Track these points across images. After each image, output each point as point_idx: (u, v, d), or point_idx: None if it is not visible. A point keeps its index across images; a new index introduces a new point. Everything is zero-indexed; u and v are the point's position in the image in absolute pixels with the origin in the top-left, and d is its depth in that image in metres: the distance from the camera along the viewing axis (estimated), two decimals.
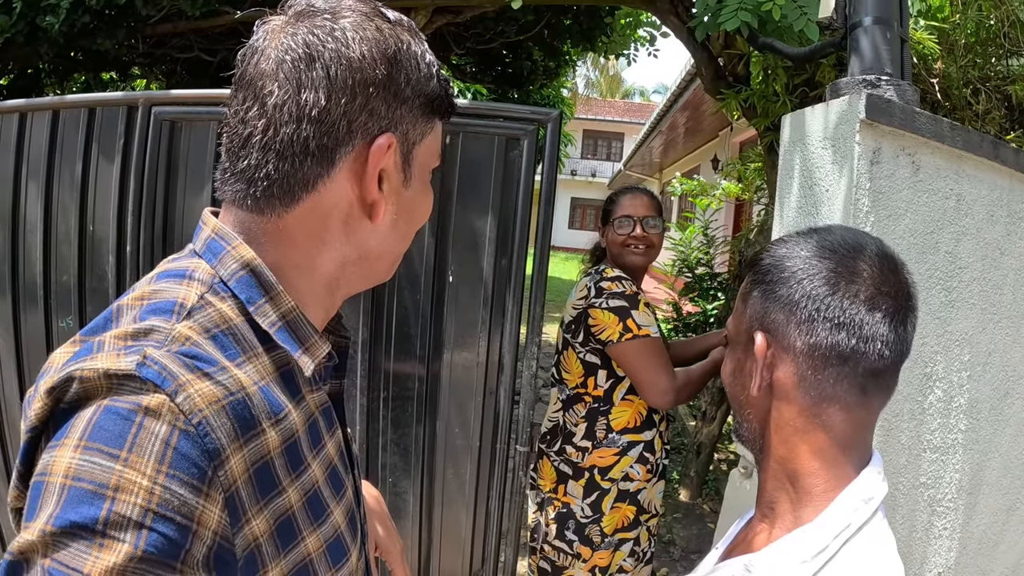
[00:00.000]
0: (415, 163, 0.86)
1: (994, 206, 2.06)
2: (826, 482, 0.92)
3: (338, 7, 0.80)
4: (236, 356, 0.75)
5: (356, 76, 0.77)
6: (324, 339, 0.84)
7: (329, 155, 0.78)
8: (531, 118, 2.24)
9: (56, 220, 2.68)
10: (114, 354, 0.67)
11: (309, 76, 0.76)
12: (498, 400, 2.38)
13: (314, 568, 0.80)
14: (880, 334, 0.88)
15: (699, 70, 4.02)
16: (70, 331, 2.70)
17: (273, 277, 0.79)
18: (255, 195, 0.79)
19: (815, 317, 0.90)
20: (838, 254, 0.92)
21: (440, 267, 2.32)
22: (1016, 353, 2.23)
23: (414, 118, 0.83)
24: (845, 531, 0.88)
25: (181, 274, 0.79)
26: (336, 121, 0.77)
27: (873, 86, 1.89)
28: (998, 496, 2.32)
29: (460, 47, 6.15)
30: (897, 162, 1.82)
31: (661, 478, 2.60)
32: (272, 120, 0.76)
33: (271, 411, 0.75)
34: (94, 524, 0.60)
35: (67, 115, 2.63)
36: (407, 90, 0.81)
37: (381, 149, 0.80)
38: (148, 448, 0.63)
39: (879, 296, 0.89)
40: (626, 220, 2.52)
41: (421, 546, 2.53)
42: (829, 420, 0.92)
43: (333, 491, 0.87)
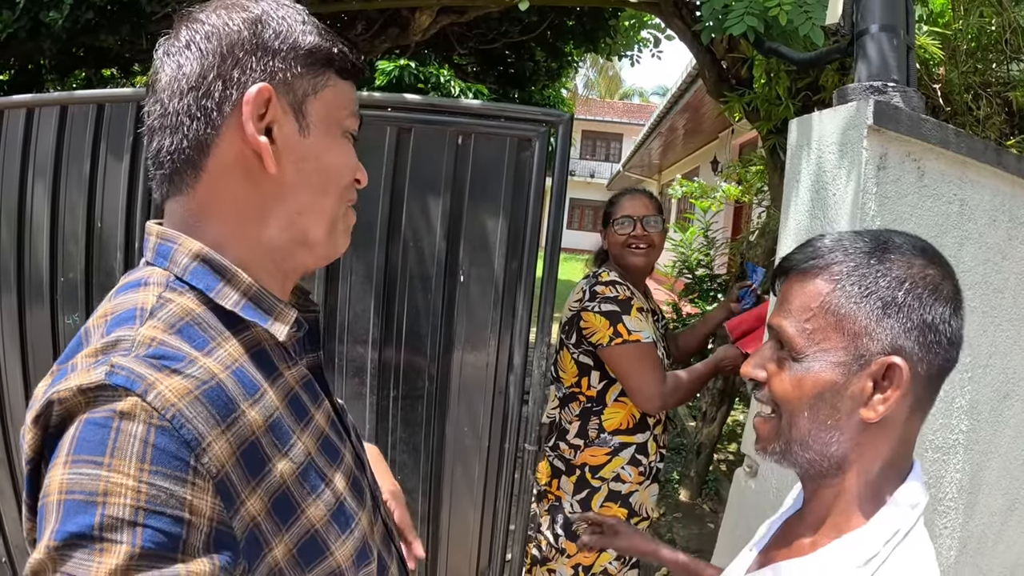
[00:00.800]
0: (311, 114, 0.89)
1: (996, 211, 2.09)
2: (875, 488, 0.91)
3: (212, 4, 0.88)
4: (205, 344, 0.78)
5: (223, 40, 0.84)
6: (289, 306, 0.88)
7: (211, 115, 0.83)
8: (543, 119, 2.26)
9: (63, 216, 2.67)
10: (85, 371, 0.70)
11: (186, 55, 0.84)
12: (507, 399, 2.40)
13: (322, 537, 0.83)
14: (961, 338, 0.88)
15: (702, 73, 4.04)
16: (76, 328, 2.70)
17: (225, 260, 0.83)
18: (167, 175, 0.85)
19: (942, 340, 0.87)
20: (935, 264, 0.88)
21: (451, 267, 2.34)
22: (1017, 355, 2.25)
23: (293, 68, 0.87)
24: (895, 537, 0.87)
25: (137, 284, 0.83)
26: (211, 83, 0.83)
27: (880, 92, 1.91)
28: (998, 496, 2.34)
29: (463, 47, 6.17)
30: (903, 167, 1.85)
31: (655, 481, 2.62)
32: (161, 102, 0.84)
33: (247, 392, 0.78)
34: (91, 531, 0.64)
35: (75, 111, 2.62)
36: (276, 42, 0.86)
37: (251, 96, 0.83)
38: (128, 449, 0.66)
39: (960, 305, 0.89)
40: (626, 220, 2.56)
41: (429, 543, 2.55)
42: (907, 432, 0.90)
43: (329, 460, 0.89)
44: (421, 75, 7.59)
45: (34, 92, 5.94)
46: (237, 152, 0.84)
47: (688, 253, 6.02)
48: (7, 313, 2.80)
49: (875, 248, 0.90)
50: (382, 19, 5.08)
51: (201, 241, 0.84)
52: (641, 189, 2.78)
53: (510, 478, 2.45)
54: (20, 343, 2.82)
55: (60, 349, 2.73)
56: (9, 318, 2.79)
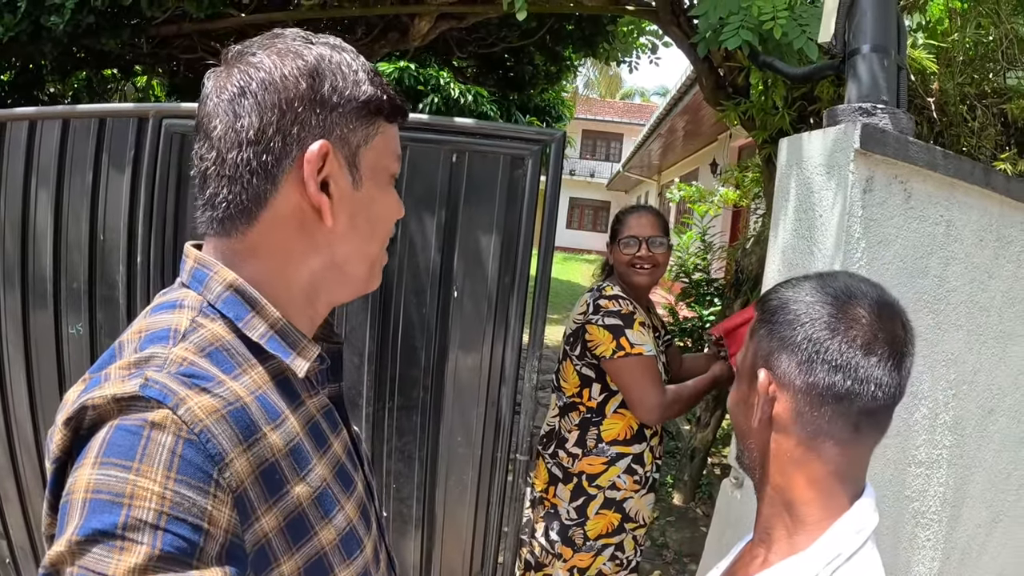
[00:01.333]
0: (363, 165, 0.91)
1: (983, 231, 2.12)
2: (820, 511, 0.98)
3: (265, 43, 0.89)
4: (232, 370, 0.81)
5: (281, 95, 0.85)
6: (313, 342, 0.90)
7: (272, 170, 0.85)
8: (536, 139, 2.29)
9: (67, 228, 2.70)
10: (119, 381, 0.73)
11: (242, 105, 0.84)
12: (500, 410, 2.44)
13: (329, 561, 0.86)
14: (874, 377, 0.94)
15: (700, 80, 4.05)
16: (80, 338, 2.73)
17: (256, 293, 0.86)
18: (219, 219, 0.87)
19: (814, 359, 0.96)
20: (840, 300, 0.98)
21: (445, 281, 2.37)
22: (1001, 372, 2.28)
23: (349, 122, 0.89)
24: (836, 559, 0.94)
25: (172, 305, 0.86)
26: (271, 139, 0.84)
27: (869, 114, 1.94)
28: (982, 509, 2.37)
29: (462, 51, 6.18)
30: (889, 190, 1.88)
31: (651, 490, 2.67)
32: (219, 151, 0.85)
33: (269, 417, 0.81)
34: (114, 529, 0.66)
35: (77, 124, 2.65)
36: (334, 97, 0.88)
37: (312, 155, 0.85)
38: (157, 457, 0.69)
39: (875, 342, 0.95)
40: (632, 240, 2.60)
41: (423, 549, 2.59)
42: (824, 454, 0.98)
43: (342, 487, 0.92)
44: (421, 77, 7.61)
45: (35, 92, 5.98)
46: (294, 205, 0.87)
47: (685, 257, 6.04)
48: (12, 322, 2.83)
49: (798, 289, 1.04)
50: (382, 24, 5.10)
51: (240, 275, 0.87)
52: (647, 207, 2.83)
53: (502, 486, 2.48)
54: (24, 352, 2.85)
55: (64, 359, 2.80)
56: (14, 327, 2.82)
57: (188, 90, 6.48)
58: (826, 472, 0.98)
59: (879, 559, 0.98)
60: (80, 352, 2.74)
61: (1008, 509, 2.50)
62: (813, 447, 0.98)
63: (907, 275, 1.95)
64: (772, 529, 1.04)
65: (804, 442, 0.99)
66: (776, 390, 1.00)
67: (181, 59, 5.92)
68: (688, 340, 5.84)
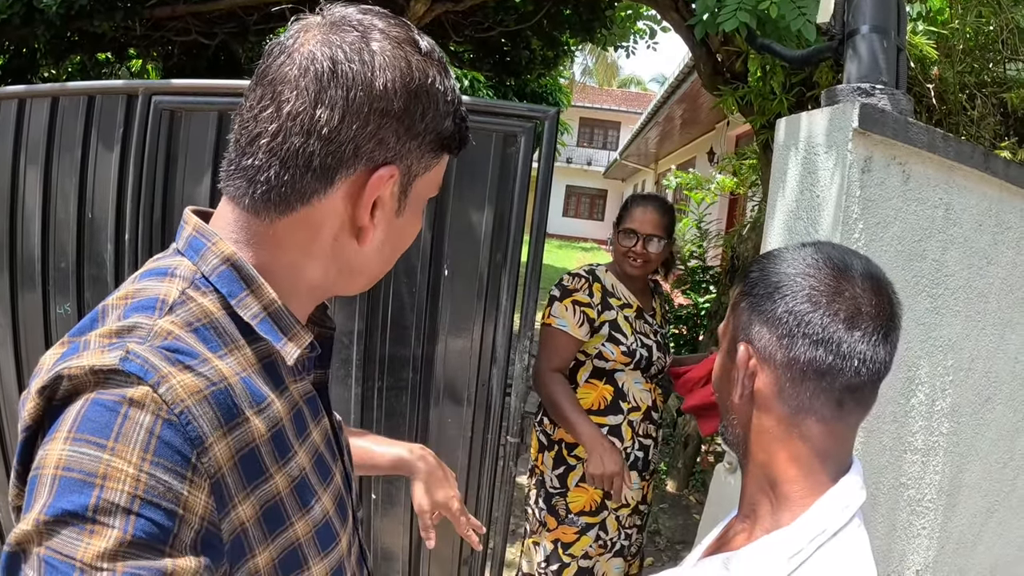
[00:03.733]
0: (412, 194, 0.87)
1: (983, 216, 2.09)
2: (803, 488, 0.96)
3: (372, 26, 0.80)
4: (218, 348, 0.77)
5: (374, 104, 0.78)
6: (306, 330, 0.86)
7: (330, 174, 0.79)
8: (528, 115, 2.26)
9: (55, 207, 2.68)
10: (99, 351, 0.70)
11: (329, 93, 0.77)
12: (490, 391, 2.42)
13: (303, 552, 0.83)
14: (858, 352, 0.91)
15: (697, 66, 4.03)
16: (68, 317, 2.71)
17: (254, 272, 0.81)
18: (253, 195, 0.80)
19: (795, 333, 0.93)
20: (823, 272, 0.94)
21: (436, 260, 2.35)
22: (999, 359, 2.26)
23: (421, 153, 0.84)
24: (820, 535, 0.92)
25: (163, 272, 0.81)
26: (344, 143, 0.78)
27: (868, 95, 1.91)
28: (978, 498, 2.36)
29: (459, 35, 6.14)
30: (888, 171, 1.85)
31: (632, 469, 2.66)
32: (283, 127, 0.77)
33: (253, 400, 0.77)
34: (84, 511, 0.63)
35: (66, 102, 2.62)
36: (420, 126, 0.82)
37: (381, 180, 0.81)
38: (133, 437, 0.65)
39: (859, 316, 0.92)
40: (631, 234, 2.66)
41: (412, 533, 2.57)
42: (807, 430, 0.95)
43: (320, 477, 0.89)
44: None
45: (29, 76, 5.96)
46: (336, 214, 0.82)
47: (681, 244, 6.03)
48: (0, 302, 2.81)
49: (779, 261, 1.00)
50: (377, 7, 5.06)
51: (249, 256, 0.82)
52: (658, 201, 2.81)
53: (493, 469, 2.47)
54: (13, 332, 2.84)
55: (52, 339, 2.77)
56: (2, 307, 2.81)
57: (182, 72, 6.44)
58: (809, 449, 0.96)
59: (866, 536, 0.96)
60: (68, 331, 2.71)
61: (1004, 499, 2.49)
62: (795, 423, 0.96)
63: (905, 258, 1.92)
64: (757, 505, 1.02)
65: (786, 418, 0.96)
66: (757, 365, 0.98)
67: (175, 41, 5.88)
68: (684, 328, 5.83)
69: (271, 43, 0.82)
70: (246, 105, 0.81)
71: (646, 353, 2.66)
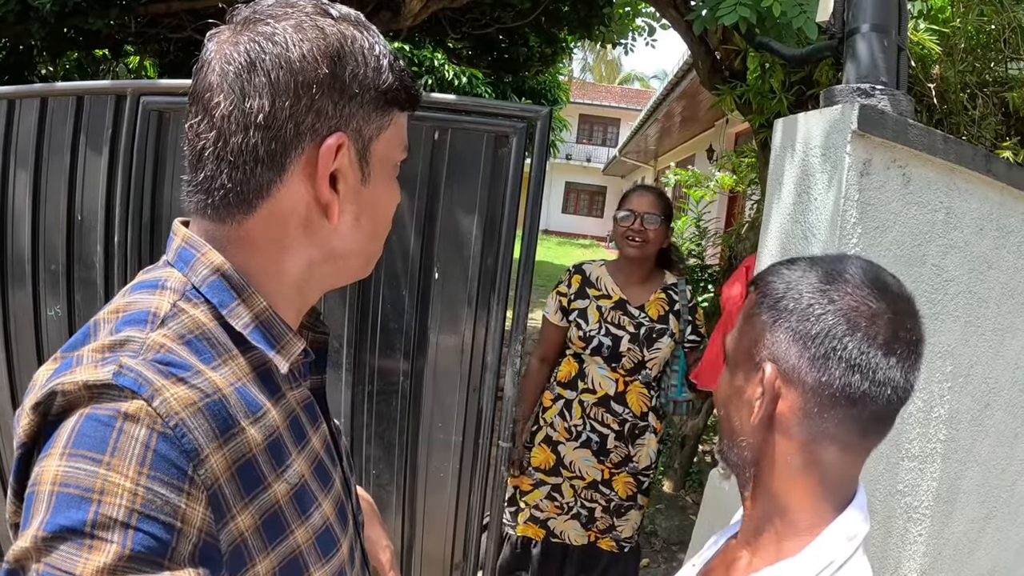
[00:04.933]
0: (374, 159, 0.85)
1: (984, 220, 2.06)
2: (811, 517, 0.92)
3: (279, 11, 0.80)
4: (211, 360, 0.76)
5: (298, 78, 0.77)
6: (299, 337, 0.85)
7: (279, 159, 0.79)
8: (521, 115, 2.23)
9: (45, 208, 2.67)
10: (92, 366, 0.69)
11: (252, 83, 0.76)
12: (481, 396, 2.40)
13: (304, 560, 0.82)
14: (892, 379, 0.86)
15: (696, 63, 4.00)
16: (58, 320, 2.70)
17: (244, 280, 0.81)
18: (214, 205, 0.80)
19: (831, 355, 0.86)
20: (862, 292, 0.88)
21: (426, 263, 2.33)
22: (998, 366, 2.24)
23: (366, 113, 0.82)
24: (828, 568, 0.88)
25: (154, 284, 0.81)
26: (283, 125, 0.77)
27: (867, 95, 1.88)
28: (975, 505, 2.33)
29: (456, 31, 6.12)
30: (887, 174, 1.82)
31: (586, 447, 2.84)
32: (221, 131, 0.77)
33: (249, 410, 0.77)
34: (82, 527, 0.62)
35: (55, 103, 2.61)
36: (354, 86, 0.80)
37: (330, 150, 0.80)
38: (129, 451, 0.65)
39: (896, 340, 0.86)
40: (629, 214, 2.82)
41: (404, 538, 2.56)
42: (826, 458, 0.90)
43: (320, 484, 0.88)
44: (415, 58, 7.54)
45: (25, 73, 5.95)
46: (299, 199, 0.81)
47: (679, 243, 5.99)
48: None
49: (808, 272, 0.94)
50: (374, 3, 5.03)
51: (230, 262, 0.81)
52: (653, 188, 3.05)
53: (484, 473, 2.45)
54: (4, 335, 2.84)
55: (43, 340, 2.77)
56: None
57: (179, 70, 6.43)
58: (825, 477, 0.91)
59: (869, 567, 0.92)
60: (59, 334, 2.72)
61: (1002, 505, 2.47)
62: (815, 451, 0.90)
63: (904, 263, 1.89)
64: (760, 532, 0.97)
65: (807, 446, 0.91)
66: (782, 386, 0.91)
67: (171, 38, 5.87)
68: None
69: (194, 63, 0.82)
70: (187, 126, 0.81)
71: (609, 342, 2.78)
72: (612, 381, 2.80)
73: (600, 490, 2.85)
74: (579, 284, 2.89)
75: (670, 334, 2.83)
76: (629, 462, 2.85)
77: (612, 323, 2.80)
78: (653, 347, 2.81)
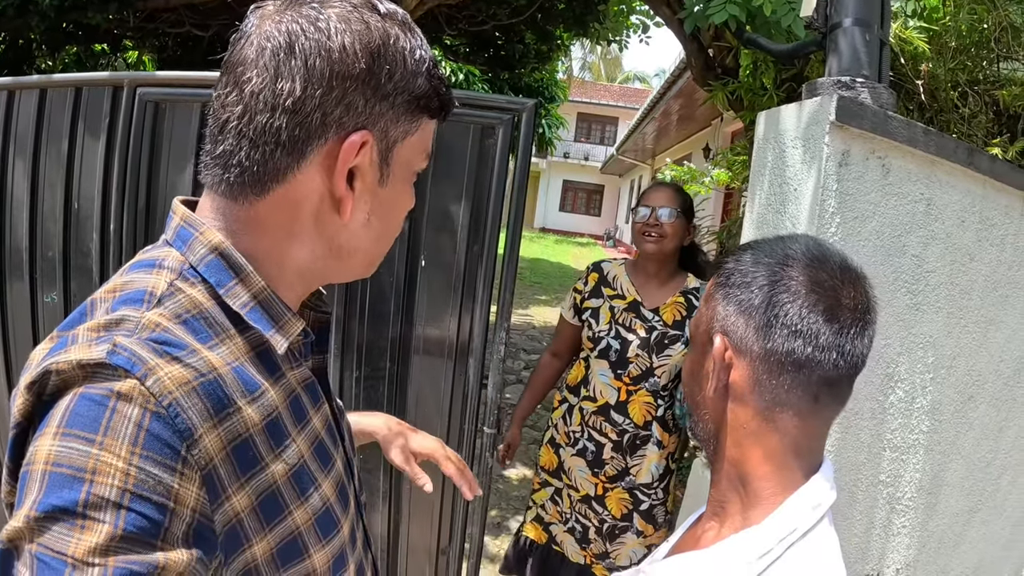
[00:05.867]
0: (395, 162, 0.85)
1: (965, 212, 2.08)
2: (775, 486, 0.94)
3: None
4: (208, 339, 0.76)
5: (334, 68, 0.76)
6: (298, 317, 0.84)
7: (300, 146, 0.78)
8: (507, 108, 2.26)
9: (42, 197, 2.70)
10: (86, 345, 0.69)
11: (287, 65, 0.76)
12: (467, 383, 2.42)
13: (304, 541, 0.82)
14: (836, 344, 0.90)
15: (689, 61, 4.04)
16: (54, 306, 2.73)
17: (243, 259, 0.80)
18: (228, 180, 0.79)
19: (773, 323, 0.91)
20: (801, 263, 0.93)
21: (413, 250, 2.35)
22: (982, 357, 2.26)
23: (396, 115, 0.82)
24: (791, 535, 0.90)
25: (151, 264, 0.80)
26: (310, 112, 0.77)
27: (848, 88, 1.91)
28: (960, 497, 2.35)
29: (452, 28, 6.14)
30: (867, 165, 1.84)
31: (580, 456, 2.74)
32: (248, 107, 0.77)
33: (246, 390, 0.76)
34: (75, 507, 0.62)
35: (54, 94, 2.64)
36: (388, 86, 0.80)
37: (353, 146, 0.79)
38: (122, 431, 0.65)
39: (838, 308, 0.90)
40: (645, 209, 2.73)
41: (391, 522, 2.57)
42: (782, 425, 0.94)
43: (320, 464, 0.88)
44: None
45: (24, 67, 5.96)
46: (313, 189, 0.81)
47: None
48: None
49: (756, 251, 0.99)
50: None
51: (231, 240, 0.81)
52: (670, 183, 2.99)
53: (469, 460, 2.47)
54: (0, 318, 2.85)
55: (40, 325, 2.78)
56: None
57: (178, 64, 6.44)
58: (783, 445, 0.94)
59: (835, 536, 0.95)
60: (55, 320, 2.73)
61: (987, 498, 2.49)
62: (771, 418, 0.94)
63: (884, 253, 1.91)
64: (726, 503, 1.00)
65: (761, 412, 0.94)
66: (732, 357, 0.96)
67: (169, 33, 5.89)
68: None
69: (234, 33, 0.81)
70: (215, 95, 0.80)
71: (617, 345, 2.66)
72: (614, 390, 2.67)
73: (593, 507, 2.73)
74: (595, 282, 2.81)
75: (684, 341, 2.64)
76: (626, 475, 2.69)
77: (623, 325, 2.69)
78: (663, 354, 2.63)
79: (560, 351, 2.98)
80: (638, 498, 2.70)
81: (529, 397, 3.03)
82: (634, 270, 2.80)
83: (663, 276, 2.75)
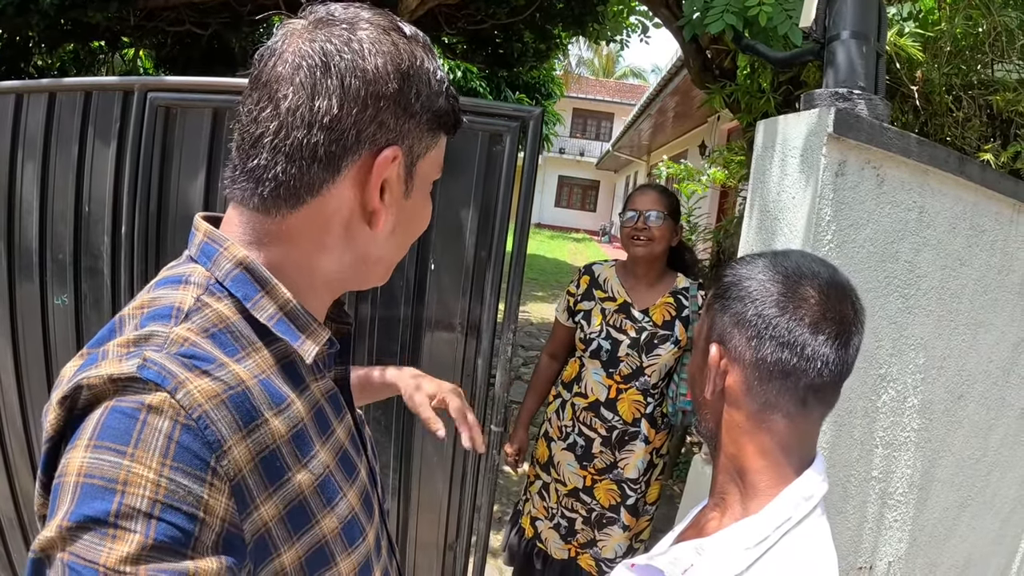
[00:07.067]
0: (417, 175, 0.89)
1: (957, 219, 2.15)
2: (770, 478, 1.03)
3: (357, 18, 0.82)
4: (235, 352, 0.78)
5: (369, 88, 0.79)
6: (323, 327, 0.86)
7: (336, 162, 0.80)
8: (514, 115, 2.30)
9: (52, 200, 2.70)
10: (117, 360, 0.71)
11: (324, 84, 0.78)
12: (475, 382, 2.46)
13: (330, 550, 0.84)
14: (821, 355, 0.98)
15: (687, 62, 4.05)
16: (65, 309, 2.74)
17: (267, 272, 0.82)
18: (262, 195, 0.81)
19: (763, 335, 1.00)
20: (790, 279, 1.02)
21: (423, 254, 2.39)
22: (971, 359, 2.32)
23: (420, 132, 0.86)
24: (785, 523, 0.99)
25: (178, 280, 0.82)
26: (346, 130, 0.79)
27: (845, 99, 1.96)
28: (950, 492, 2.42)
29: (451, 27, 6.16)
30: (862, 174, 1.91)
31: (570, 451, 2.82)
32: (284, 123, 0.79)
33: (273, 402, 0.78)
34: (106, 517, 0.64)
35: (63, 98, 2.64)
36: (416, 105, 0.84)
37: (386, 160, 0.82)
38: (152, 443, 0.66)
39: (823, 321, 0.99)
40: (632, 213, 2.76)
41: (399, 518, 2.62)
42: (773, 425, 1.03)
43: (345, 474, 0.89)
44: None
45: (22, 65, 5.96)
46: (346, 202, 0.84)
47: None
48: None
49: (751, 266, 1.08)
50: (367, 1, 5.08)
51: (261, 256, 0.84)
52: (656, 185, 2.96)
53: (476, 457, 2.52)
54: (11, 323, 2.85)
55: (50, 329, 2.80)
56: (0, 298, 2.83)
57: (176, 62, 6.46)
58: (775, 443, 1.03)
59: (827, 526, 1.03)
60: (65, 322, 2.74)
61: (977, 494, 2.55)
62: (763, 419, 1.03)
63: (877, 259, 1.98)
64: (726, 494, 1.09)
65: (754, 414, 1.04)
66: (728, 364, 1.05)
67: (168, 32, 5.90)
68: None
69: (260, 49, 0.84)
70: (243, 110, 0.83)
71: (608, 346, 2.73)
72: (605, 388, 2.74)
73: (581, 498, 2.79)
74: (587, 285, 2.86)
75: (674, 340, 2.70)
76: (614, 468, 2.76)
77: (614, 326, 2.74)
78: (652, 353, 2.70)
79: (557, 352, 3.02)
80: (625, 492, 2.78)
81: (532, 399, 3.07)
82: (624, 272, 2.86)
83: (652, 277, 2.81)
